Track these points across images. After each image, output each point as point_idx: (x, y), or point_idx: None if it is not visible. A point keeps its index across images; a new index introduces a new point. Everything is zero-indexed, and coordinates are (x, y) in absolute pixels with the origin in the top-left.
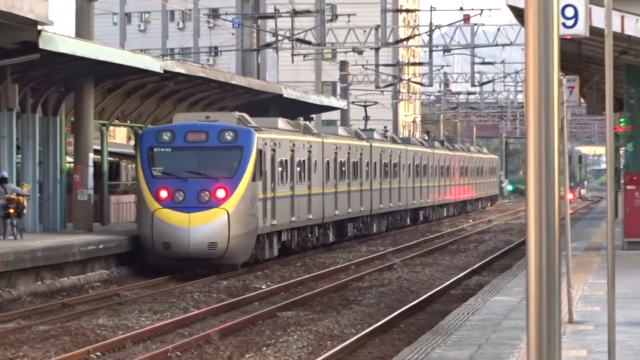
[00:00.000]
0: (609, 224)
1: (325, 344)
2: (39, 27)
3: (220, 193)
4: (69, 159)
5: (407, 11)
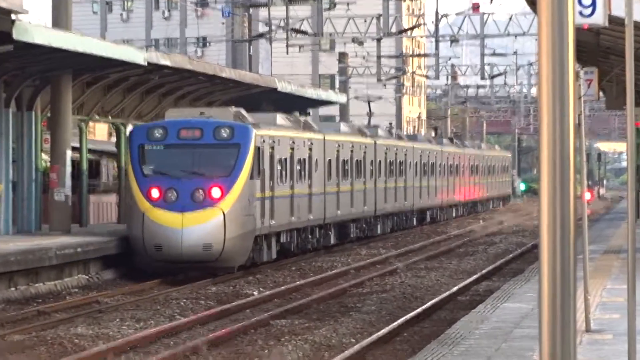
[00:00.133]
0: (630, 225)
1: (322, 355)
2: (13, 17)
3: (215, 192)
4: (45, 157)
5: None
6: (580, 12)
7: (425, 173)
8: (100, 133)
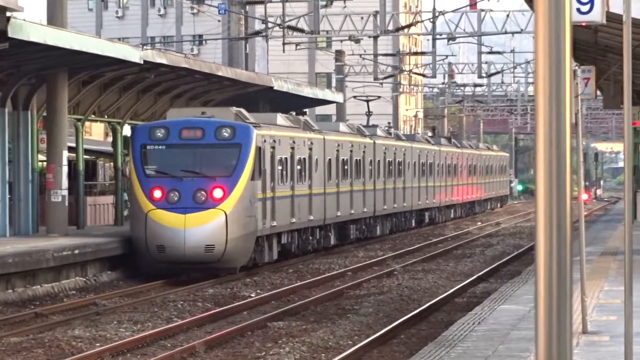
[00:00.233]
0: (627, 227)
1: (319, 357)
2: (8, 14)
3: (217, 193)
4: (42, 157)
5: None
6: (578, 10)
7: (423, 173)
8: (96, 133)
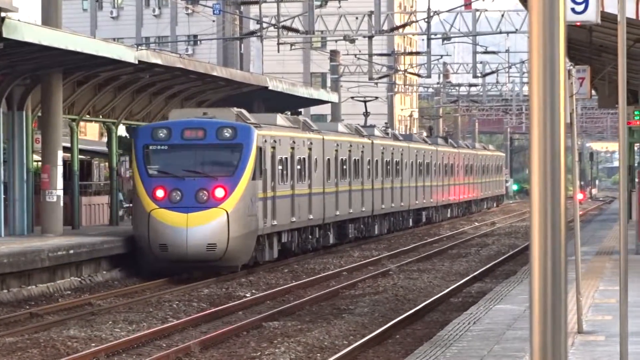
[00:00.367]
0: (622, 227)
1: (314, 357)
2: (2, 15)
3: (219, 192)
4: (36, 158)
5: None
6: (572, 9)
7: (420, 173)
8: (91, 133)
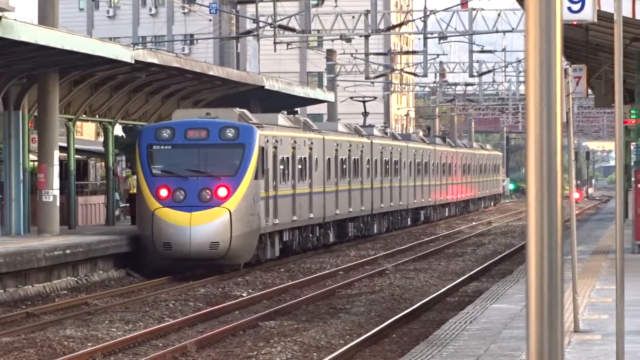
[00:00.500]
0: (618, 226)
1: (311, 356)
2: None
3: (222, 191)
4: (33, 157)
5: None
6: (569, 8)
7: (419, 172)
8: (87, 132)
